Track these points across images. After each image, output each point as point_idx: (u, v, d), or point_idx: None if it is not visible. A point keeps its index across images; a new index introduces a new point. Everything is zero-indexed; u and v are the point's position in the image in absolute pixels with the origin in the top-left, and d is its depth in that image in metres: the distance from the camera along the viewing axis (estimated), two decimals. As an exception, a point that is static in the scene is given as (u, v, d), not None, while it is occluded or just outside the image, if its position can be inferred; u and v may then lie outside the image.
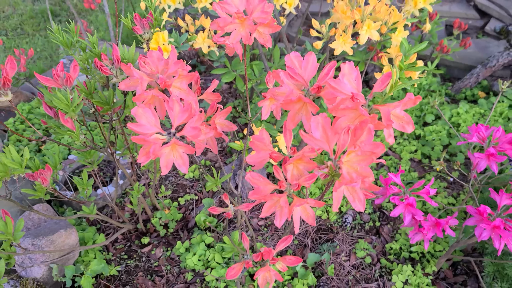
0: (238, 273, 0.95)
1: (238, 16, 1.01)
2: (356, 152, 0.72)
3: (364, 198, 0.74)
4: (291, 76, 0.86)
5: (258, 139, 0.91)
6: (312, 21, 1.40)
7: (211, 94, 1.11)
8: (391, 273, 1.48)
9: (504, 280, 1.37)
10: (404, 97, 0.74)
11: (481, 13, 3.14)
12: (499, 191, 1.00)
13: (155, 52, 0.98)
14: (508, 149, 1.08)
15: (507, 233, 0.95)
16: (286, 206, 0.84)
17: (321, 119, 0.75)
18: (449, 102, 2.26)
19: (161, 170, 0.84)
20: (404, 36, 1.34)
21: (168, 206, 1.74)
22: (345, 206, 1.69)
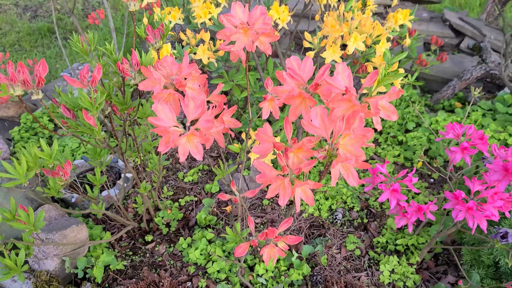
0: (245, 251, 1.06)
1: (243, 27, 1.15)
2: (350, 136, 0.86)
3: (357, 175, 0.88)
4: (291, 76, 1.01)
5: (263, 132, 1.04)
6: (304, 33, 1.56)
7: (217, 96, 1.24)
8: (379, 263, 1.60)
9: (480, 267, 1.51)
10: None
11: (456, 32, 3.37)
12: (472, 178, 1.15)
13: (169, 58, 1.11)
14: (478, 144, 1.24)
15: (479, 214, 1.09)
16: (289, 187, 0.96)
17: (319, 110, 0.89)
18: (428, 111, 2.43)
19: (180, 158, 0.96)
20: (386, 47, 1.50)
21: (169, 206, 1.84)
22: (335, 204, 1.82)
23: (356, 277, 1.56)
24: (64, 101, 1.29)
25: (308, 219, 1.78)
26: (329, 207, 1.82)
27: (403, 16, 1.92)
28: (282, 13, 1.83)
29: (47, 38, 3.56)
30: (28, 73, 1.01)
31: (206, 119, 0.98)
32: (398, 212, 1.23)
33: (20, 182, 1.11)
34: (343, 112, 0.90)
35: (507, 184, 1.09)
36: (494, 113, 2.28)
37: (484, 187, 1.13)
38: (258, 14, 1.19)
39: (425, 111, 2.43)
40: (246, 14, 1.19)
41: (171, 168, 2.09)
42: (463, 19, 3.45)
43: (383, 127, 2.27)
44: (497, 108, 2.27)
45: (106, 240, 1.56)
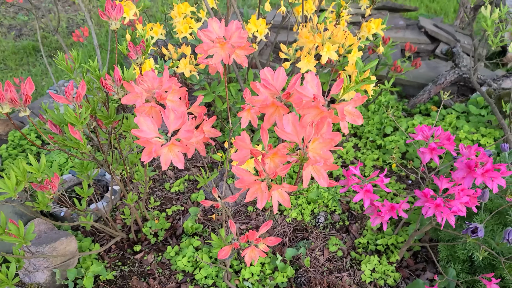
0: (227, 254, 1.12)
1: (219, 41, 1.22)
2: (319, 140, 0.92)
3: (327, 176, 0.94)
4: (265, 86, 1.07)
5: (241, 140, 1.09)
6: (280, 45, 1.63)
7: (197, 107, 1.30)
8: (360, 263, 1.66)
9: (456, 262, 1.58)
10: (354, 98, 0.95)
11: (431, 39, 3.49)
12: (440, 177, 1.22)
13: (150, 72, 1.17)
14: (446, 144, 1.32)
15: (447, 210, 1.16)
16: (266, 190, 1.02)
17: (291, 117, 0.96)
18: (405, 116, 2.52)
19: (162, 167, 1.02)
20: (358, 56, 1.58)
21: (157, 216, 1.89)
22: (318, 208, 1.89)
23: (338, 277, 1.61)
24: (51, 117, 1.34)
25: (292, 224, 1.84)
26: (312, 211, 1.89)
27: (376, 25, 2.01)
28: (260, 26, 1.91)
29: (32, 57, 3.59)
30: (15, 92, 1.06)
31: (186, 130, 1.04)
32: (373, 212, 1.29)
33: (10, 195, 1.15)
34: (312, 118, 0.97)
35: (471, 180, 1.16)
36: (468, 115, 2.37)
37: (451, 184, 1.21)
38: (234, 28, 1.26)
39: (402, 115, 2.51)
40: (223, 29, 1.26)
41: (158, 180, 2.14)
42: (437, 25, 3.58)
43: (363, 132, 2.35)
44: (470, 110, 2.37)
45: (95, 252, 1.60)
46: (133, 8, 2.00)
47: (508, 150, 1.60)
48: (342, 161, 2.19)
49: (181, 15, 2.08)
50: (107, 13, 1.19)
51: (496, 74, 2.75)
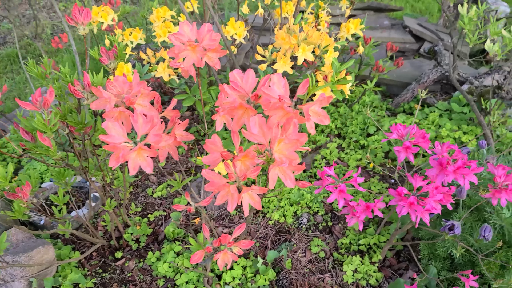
0: (200, 259, 1.11)
1: (190, 44, 1.21)
2: (284, 141, 0.92)
3: (293, 177, 0.94)
4: (234, 88, 1.07)
5: (211, 142, 1.09)
6: (257, 47, 1.63)
7: (171, 111, 1.29)
8: (343, 264, 1.66)
9: (437, 260, 1.58)
10: (319, 97, 0.95)
11: (416, 38, 3.51)
12: (414, 175, 1.22)
13: (120, 77, 1.16)
14: (421, 142, 1.31)
15: (420, 208, 1.16)
16: (236, 193, 1.01)
17: (258, 119, 0.95)
18: (389, 115, 2.53)
19: (130, 171, 1.01)
20: (334, 57, 1.58)
21: (138, 222, 1.87)
22: (301, 210, 1.88)
23: (320, 278, 1.61)
24: (23, 125, 1.32)
25: (275, 226, 1.83)
26: (294, 212, 1.88)
27: (355, 25, 2.02)
28: (238, 28, 1.90)
29: (17, 64, 3.57)
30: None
31: (154, 134, 1.03)
32: (349, 212, 1.29)
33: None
34: (278, 120, 0.96)
35: (443, 178, 1.16)
36: (451, 113, 2.38)
37: (426, 182, 1.20)
38: (205, 31, 1.25)
39: (386, 114, 2.52)
40: (194, 32, 1.26)
41: (140, 185, 2.13)
42: (422, 25, 3.60)
43: (346, 132, 2.35)
44: (453, 108, 2.38)
45: (75, 259, 1.59)
46: (111, 13, 1.99)
47: (485, 147, 1.61)
48: (326, 162, 2.19)
49: (160, 19, 2.07)
50: (74, 18, 1.18)
51: (478, 71, 2.77)
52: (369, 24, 3.70)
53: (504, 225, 1.41)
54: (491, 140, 1.87)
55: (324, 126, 2.42)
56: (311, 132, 0.97)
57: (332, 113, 2.50)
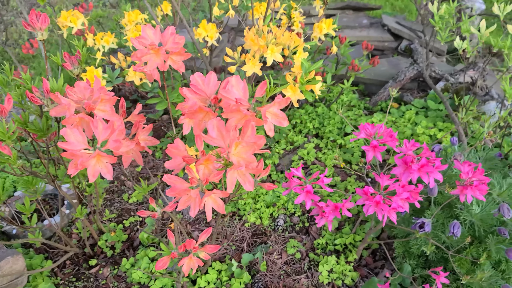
0: (165, 265, 1.09)
1: (152, 47, 1.20)
2: (241, 144, 0.91)
3: (252, 180, 0.93)
4: (195, 92, 1.05)
5: (174, 147, 1.07)
6: (225, 49, 1.62)
7: (136, 116, 1.27)
8: (318, 264, 1.65)
9: (411, 258, 1.58)
10: (276, 100, 0.94)
11: (394, 36, 3.53)
12: (380, 174, 1.22)
13: (82, 82, 1.14)
14: (388, 141, 1.31)
15: (386, 207, 1.16)
16: (197, 198, 1.00)
17: (216, 122, 0.94)
18: (367, 114, 2.54)
19: (89, 179, 0.99)
20: (304, 57, 1.57)
21: (114, 229, 1.85)
22: (277, 211, 1.87)
23: (296, 279, 1.60)
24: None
25: (251, 228, 1.82)
26: (271, 214, 1.87)
27: (327, 25, 2.02)
28: (210, 30, 1.89)
29: (-7, 71, 3.52)
30: None
31: (114, 139, 1.01)
32: (318, 213, 1.28)
33: None
34: (236, 122, 0.95)
35: (409, 176, 1.16)
36: (427, 111, 2.39)
37: (393, 181, 1.20)
38: (169, 34, 1.24)
39: (364, 113, 2.52)
40: (158, 36, 1.24)
41: (116, 191, 2.10)
42: (400, 23, 3.62)
43: (324, 132, 2.35)
44: (429, 106, 2.39)
45: (47, 268, 1.56)
46: (80, 17, 1.96)
47: (457, 144, 1.62)
48: (304, 162, 2.18)
49: (132, 23, 2.05)
50: (31, 23, 1.16)
51: (454, 68, 2.79)
52: (348, 23, 3.71)
53: (474, 221, 1.42)
54: (463, 136, 1.88)
55: (302, 126, 2.42)
56: (270, 134, 0.96)
57: (310, 113, 2.50)
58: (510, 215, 1.26)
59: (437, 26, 1.91)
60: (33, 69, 3.30)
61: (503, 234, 1.35)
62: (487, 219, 1.42)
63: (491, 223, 1.43)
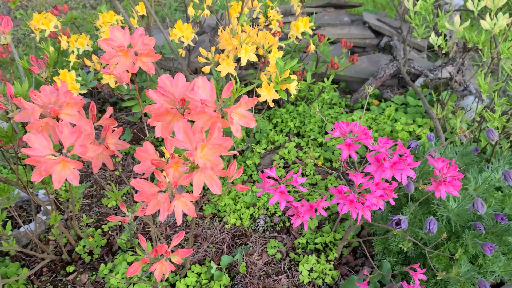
0: (137, 271, 1.07)
1: (120, 49, 1.18)
2: (208, 146, 0.89)
3: (220, 183, 0.91)
4: (162, 94, 1.04)
5: (143, 150, 1.05)
6: (200, 50, 1.60)
7: (107, 120, 1.25)
8: (299, 264, 1.64)
9: (390, 254, 1.58)
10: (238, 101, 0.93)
11: (375, 33, 3.54)
12: (355, 172, 1.21)
13: (47, 87, 1.12)
14: (363, 139, 1.31)
15: (360, 205, 1.15)
16: (166, 202, 0.98)
17: (182, 124, 0.92)
18: (347, 111, 2.54)
19: (54, 185, 0.96)
20: (279, 56, 1.56)
21: (92, 234, 1.82)
22: (257, 212, 1.86)
23: (276, 280, 1.59)
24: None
25: (231, 230, 1.81)
26: (251, 215, 1.86)
27: (304, 24, 2.01)
28: (185, 31, 1.87)
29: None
30: None
31: (79, 144, 0.99)
32: (294, 213, 1.27)
33: None
34: (203, 124, 0.94)
35: (382, 174, 1.16)
36: (406, 107, 2.40)
37: (367, 178, 1.20)
38: (138, 35, 1.22)
39: (345, 111, 2.52)
40: (127, 37, 1.22)
41: (95, 195, 2.07)
42: (381, 20, 3.63)
43: (305, 131, 2.34)
44: (408, 102, 2.40)
45: (22, 276, 1.52)
46: (53, 20, 1.93)
47: (433, 139, 1.62)
48: (285, 161, 2.17)
49: (107, 24, 2.02)
50: (-7, 27, 1.13)
51: (434, 64, 2.80)
52: (329, 21, 3.71)
53: (451, 216, 1.42)
54: (440, 132, 1.89)
55: (283, 126, 2.41)
56: (237, 136, 0.95)
57: (291, 112, 2.49)
58: (484, 210, 1.27)
59: (413, 22, 1.91)
60: (9, 72, 3.25)
61: (479, 228, 1.36)
62: (463, 214, 1.42)
63: (467, 218, 1.44)
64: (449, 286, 1.43)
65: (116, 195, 1.25)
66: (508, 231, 1.40)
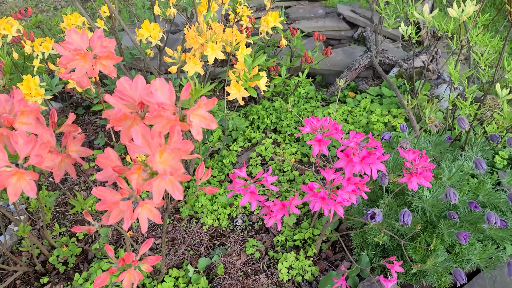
0: (104, 282, 1.04)
1: (78, 53, 1.14)
2: (167, 151, 0.86)
3: (181, 188, 0.88)
4: (120, 98, 1.00)
5: (104, 157, 1.01)
6: (165, 49, 1.56)
7: (68, 126, 1.21)
8: (278, 262, 1.63)
9: (369, 248, 1.58)
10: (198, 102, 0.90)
11: (350, 24, 3.53)
12: (325, 168, 1.20)
13: (2, 95, 1.07)
14: (334, 134, 1.29)
15: (331, 202, 1.14)
16: (129, 210, 0.95)
17: (140, 129, 0.89)
18: (324, 105, 2.52)
19: (9, 198, 0.92)
20: (247, 53, 1.53)
21: (66, 243, 1.77)
22: (235, 211, 1.84)
23: (255, 279, 1.57)
24: None
25: (209, 231, 1.78)
26: (229, 215, 1.83)
27: (273, 18, 1.98)
28: (153, 30, 1.83)
29: None
30: None
31: (35, 154, 0.95)
32: (266, 213, 1.25)
33: None
34: (161, 128, 0.90)
35: (351, 169, 1.14)
36: (381, 98, 2.40)
37: (338, 174, 1.18)
38: (96, 37, 1.18)
39: (321, 105, 2.51)
40: (86, 40, 1.18)
41: (69, 203, 2.02)
42: (355, 11, 3.62)
43: (282, 126, 2.32)
44: (383, 93, 2.39)
45: (-8, 292, 1.48)
46: (15, 24, 1.86)
47: (406, 130, 1.61)
48: (262, 158, 2.15)
49: (72, 26, 1.96)
50: None
51: (407, 54, 2.81)
52: (304, 14, 3.69)
53: (426, 207, 1.42)
54: (414, 122, 1.89)
55: (259, 122, 2.39)
56: (198, 138, 0.92)
57: (267, 108, 2.47)
58: (456, 200, 1.26)
59: (382, 12, 1.90)
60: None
61: (453, 218, 1.36)
62: (438, 204, 1.42)
63: (443, 207, 1.44)
64: (427, 276, 1.43)
65: (82, 204, 1.21)
66: (482, 218, 1.40)
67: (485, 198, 1.47)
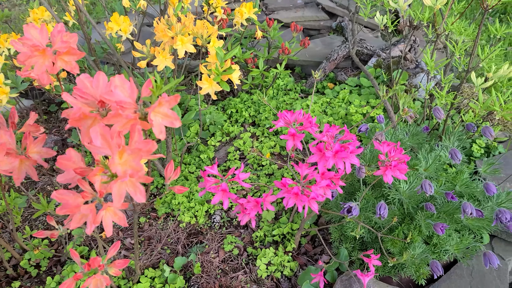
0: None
1: (36, 49, 1.08)
2: (127, 152, 0.82)
3: (144, 190, 0.85)
4: (80, 96, 0.95)
5: (66, 159, 0.96)
6: (134, 43, 1.51)
7: (30, 126, 1.15)
8: (257, 258, 1.60)
9: (347, 241, 1.56)
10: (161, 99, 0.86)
11: (329, 14, 3.50)
12: (299, 163, 1.17)
13: (-45, 95, 1.01)
14: (308, 127, 1.26)
15: (305, 197, 1.11)
16: (92, 214, 0.90)
17: (99, 129, 0.84)
18: (303, 97, 2.49)
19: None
20: (218, 46, 1.49)
21: (37, 245, 1.72)
22: (213, 208, 1.80)
23: (233, 277, 1.54)
24: None
25: (186, 229, 1.74)
26: (206, 211, 1.80)
27: (247, 9, 1.94)
28: (122, 24, 1.77)
29: None
30: None
31: (-11, 158, 0.90)
32: (240, 210, 1.22)
33: None
34: (121, 128, 0.86)
35: (325, 163, 1.11)
36: (360, 88, 2.38)
37: (312, 169, 1.16)
38: (56, 32, 1.12)
39: (300, 96, 2.48)
40: (46, 35, 1.12)
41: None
42: (333, 0, 3.59)
43: (260, 120, 2.29)
44: (362, 83, 2.37)
45: (-40, 300, 1.42)
46: (-24, 19, 1.78)
47: (383, 121, 1.59)
48: (240, 153, 2.12)
49: (38, 21, 1.89)
50: None
51: (386, 43, 2.79)
52: (283, 4, 3.65)
53: (403, 199, 1.40)
54: (391, 113, 1.87)
55: (238, 116, 2.35)
56: (161, 138, 0.88)
57: (246, 101, 2.43)
58: (432, 191, 1.25)
59: (358, 2, 1.87)
60: None
61: (430, 209, 1.35)
62: (415, 196, 1.41)
63: (420, 199, 1.43)
64: (405, 268, 1.42)
65: (45, 208, 1.16)
66: (459, 208, 1.39)
67: (462, 188, 1.46)
